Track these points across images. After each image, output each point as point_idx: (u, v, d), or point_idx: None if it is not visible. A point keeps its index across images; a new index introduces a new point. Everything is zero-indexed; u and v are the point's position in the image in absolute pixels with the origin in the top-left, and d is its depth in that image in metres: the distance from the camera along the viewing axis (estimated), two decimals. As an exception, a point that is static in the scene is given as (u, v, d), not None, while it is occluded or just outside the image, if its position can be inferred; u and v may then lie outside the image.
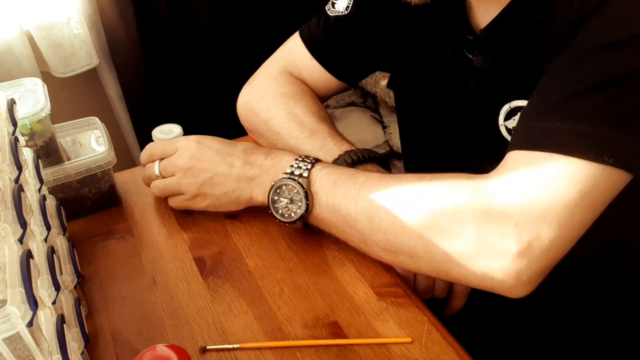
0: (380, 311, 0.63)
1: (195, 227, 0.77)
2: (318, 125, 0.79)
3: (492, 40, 0.68)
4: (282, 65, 0.90)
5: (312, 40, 0.87)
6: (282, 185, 0.68)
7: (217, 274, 0.70)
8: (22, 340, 0.47)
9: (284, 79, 0.88)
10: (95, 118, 0.85)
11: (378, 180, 0.64)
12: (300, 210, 0.67)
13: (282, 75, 0.89)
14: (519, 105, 0.68)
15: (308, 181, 0.67)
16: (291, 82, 0.87)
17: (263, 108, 0.86)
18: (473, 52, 0.71)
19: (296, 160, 0.69)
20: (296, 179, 0.67)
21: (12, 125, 0.63)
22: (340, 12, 0.84)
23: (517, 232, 0.53)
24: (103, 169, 0.77)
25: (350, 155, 0.73)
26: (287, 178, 0.67)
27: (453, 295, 0.71)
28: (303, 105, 0.83)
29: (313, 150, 0.77)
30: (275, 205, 0.69)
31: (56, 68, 1.50)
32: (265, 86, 0.89)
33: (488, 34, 0.68)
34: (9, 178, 0.56)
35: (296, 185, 0.66)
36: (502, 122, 0.70)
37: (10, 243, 0.50)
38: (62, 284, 0.60)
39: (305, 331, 0.62)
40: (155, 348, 0.52)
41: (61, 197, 0.77)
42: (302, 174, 0.67)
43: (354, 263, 0.69)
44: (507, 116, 0.69)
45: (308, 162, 0.68)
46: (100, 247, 0.75)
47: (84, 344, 0.59)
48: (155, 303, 0.67)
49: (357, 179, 0.65)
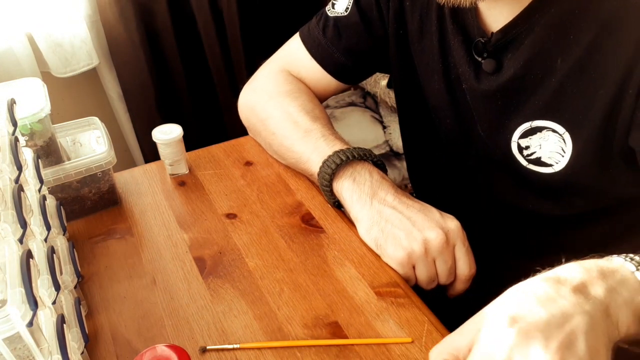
0: (380, 311, 0.63)
1: (195, 227, 0.77)
2: (312, 124, 0.80)
3: (504, 45, 0.67)
4: (281, 65, 0.90)
5: (311, 41, 0.87)
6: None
7: (217, 274, 0.70)
8: (22, 340, 0.47)
9: (282, 78, 0.88)
10: (95, 118, 0.85)
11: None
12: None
13: (280, 75, 0.89)
14: (540, 125, 0.67)
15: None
16: (289, 81, 0.87)
17: (260, 108, 0.86)
18: (482, 56, 0.70)
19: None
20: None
21: (12, 125, 0.63)
22: (340, 13, 0.84)
23: None
24: (103, 169, 0.77)
25: (339, 155, 0.73)
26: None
27: (457, 277, 0.69)
28: (298, 104, 0.83)
29: (306, 152, 0.78)
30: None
31: (56, 68, 1.50)
32: (264, 85, 0.89)
33: (499, 38, 0.67)
34: (9, 178, 0.56)
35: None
36: (515, 139, 0.70)
37: (11, 243, 0.50)
38: (62, 284, 0.60)
39: (305, 331, 0.62)
40: (155, 348, 0.52)
41: (61, 197, 0.77)
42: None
43: (354, 263, 0.69)
44: (524, 134, 0.69)
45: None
46: (100, 247, 0.75)
47: (84, 344, 0.59)
48: (155, 303, 0.67)
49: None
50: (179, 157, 0.85)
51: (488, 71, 0.70)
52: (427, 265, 0.67)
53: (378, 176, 0.73)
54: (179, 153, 0.85)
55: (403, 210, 0.69)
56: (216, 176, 0.86)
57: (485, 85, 0.71)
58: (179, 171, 0.87)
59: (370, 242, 0.70)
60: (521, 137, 0.69)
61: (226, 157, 0.90)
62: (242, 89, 0.93)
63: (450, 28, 0.73)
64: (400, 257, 0.67)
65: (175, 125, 0.84)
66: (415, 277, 0.68)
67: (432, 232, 0.66)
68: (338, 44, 0.85)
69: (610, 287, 0.48)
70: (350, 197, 0.72)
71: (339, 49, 0.85)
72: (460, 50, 0.72)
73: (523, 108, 0.68)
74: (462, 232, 0.68)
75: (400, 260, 0.67)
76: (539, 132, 0.68)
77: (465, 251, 0.68)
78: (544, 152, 0.68)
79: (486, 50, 0.69)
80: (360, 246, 0.71)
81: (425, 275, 0.68)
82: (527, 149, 0.70)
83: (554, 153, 0.68)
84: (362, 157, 0.74)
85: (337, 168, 0.73)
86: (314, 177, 0.77)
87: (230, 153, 0.91)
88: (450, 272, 0.68)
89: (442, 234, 0.66)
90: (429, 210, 0.69)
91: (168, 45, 1.60)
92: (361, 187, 0.72)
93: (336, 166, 0.73)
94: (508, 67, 0.68)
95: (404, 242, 0.67)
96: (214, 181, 0.85)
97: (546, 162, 0.69)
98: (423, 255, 0.66)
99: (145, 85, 1.61)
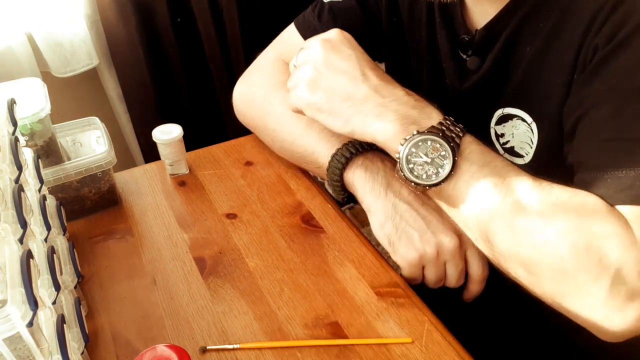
0: (381, 311, 0.63)
1: (195, 227, 0.77)
2: None
3: (487, 42, 0.67)
4: (276, 55, 0.88)
5: (306, 27, 0.85)
6: (429, 140, 0.58)
7: (217, 274, 0.70)
8: (22, 341, 0.47)
9: (275, 68, 0.86)
10: (95, 118, 0.85)
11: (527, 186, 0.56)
12: (438, 178, 0.58)
13: (274, 65, 0.87)
14: (511, 113, 0.67)
15: (459, 150, 0.58)
16: (282, 71, 0.85)
17: (257, 103, 0.85)
18: (467, 53, 0.70)
19: (446, 119, 0.60)
20: (449, 142, 0.57)
21: (12, 125, 0.63)
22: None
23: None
24: (103, 169, 0.77)
25: (348, 148, 0.71)
26: (438, 135, 0.57)
27: (470, 280, 0.68)
28: None
29: (311, 144, 0.76)
30: (410, 158, 0.58)
31: (56, 68, 1.50)
32: (258, 78, 0.87)
33: (483, 35, 0.67)
34: (9, 178, 0.56)
35: (447, 149, 0.57)
36: (493, 125, 0.70)
37: (11, 243, 0.50)
38: (62, 284, 0.60)
39: (305, 331, 0.62)
40: (155, 348, 0.52)
41: (61, 197, 0.77)
42: (454, 137, 0.58)
43: (354, 263, 0.69)
44: (499, 121, 0.69)
45: (459, 129, 0.59)
46: (100, 247, 0.75)
47: (84, 344, 0.59)
48: (155, 303, 0.67)
49: (507, 175, 0.57)
50: (179, 157, 0.85)
51: (472, 68, 0.70)
52: (437, 268, 0.66)
53: (391, 165, 0.70)
54: (179, 153, 0.85)
55: (418, 208, 0.67)
56: (216, 176, 0.86)
57: (467, 82, 0.71)
58: (179, 171, 0.87)
59: (382, 238, 0.68)
60: (497, 124, 0.69)
61: (226, 157, 0.90)
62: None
63: (437, 20, 0.73)
64: (411, 258, 0.65)
65: (175, 125, 0.84)
66: (423, 277, 0.68)
67: (446, 237, 0.65)
68: (334, 27, 0.84)
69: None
70: (364, 187, 0.70)
71: None
72: (446, 45, 0.72)
73: (498, 96, 0.68)
74: None
75: (411, 261, 0.66)
76: (510, 119, 0.67)
77: (478, 255, 0.66)
78: (516, 141, 0.68)
79: (471, 48, 0.69)
80: (360, 246, 0.71)
81: (433, 277, 0.67)
82: (502, 136, 0.69)
83: (524, 144, 0.67)
84: (372, 147, 0.71)
85: (347, 162, 0.71)
86: (322, 170, 0.75)
87: (230, 153, 0.91)
88: (460, 275, 0.67)
89: (455, 239, 0.65)
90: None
91: (168, 45, 1.60)
92: (374, 177, 0.69)
93: (346, 160, 0.71)
94: (488, 62, 0.68)
95: (417, 243, 0.65)
96: (214, 181, 0.85)
97: (518, 152, 0.68)
98: (434, 259, 0.65)
99: (145, 85, 1.61)
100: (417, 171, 0.58)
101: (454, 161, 0.57)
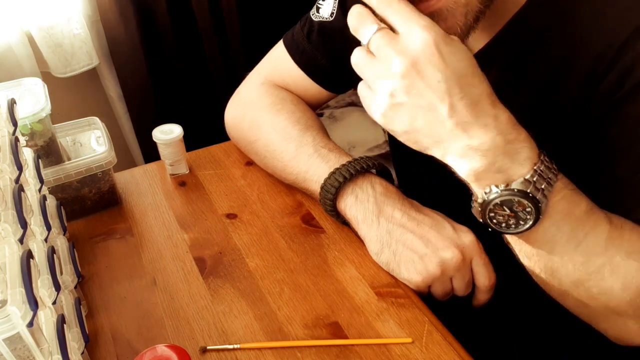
0: (381, 311, 0.63)
1: (195, 227, 0.77)
2: (302, 137, 0.76)
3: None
4: (265, 76, 0.87)
5: (296, 47, 0.84)
6: (516, 197, 0.52)
7: (218, 274, 0.70)
8: (22, 341, 0.47)
9: (264, 90, 0.85)
10: (95, 118, 0.85)
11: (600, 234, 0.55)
12: (517, 230, 0.55)
13: (263, 87, 0.85)
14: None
15: (547, 204, 0.53)
16: (270, 92, 0.84)
17: (246, 128, 0.84)
18: None
19: (541, 162, 0.52)
20: (537, 203, 0.52)
21: (12, 125, 0.63)
22: (325, 18, 0.80)
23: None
24: (103, 169, 0.77)
25: (335, 177, 0.69)
26: (526, 195, 0.52)
27: (478, 290, 0.66)
28: (284, 116, 0.80)
29: (301, 171, 0.75)
30: (492, 208, 0.54)
31: (56, 68, 1.50)
32: (248, 99, 0.86)
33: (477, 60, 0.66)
34: (9, 178, 0.56)
35: (532, 208, 0.53)
36: None
37: (11, 243, 0.50)
38: (62, 284, 0.60)
39: (305, 331, 0.62)
40: (155, 348, 0.52)
41: (61, 197, 0.77)
42: (543, 190, 0.52)
43: (354, 263, 0.69)
44: None
45: (554, 173, 0.53)
46: (100, 247, 0.75)
47: (84, 344, 0.59)
48: (155, 303, 0.67)
49: (586, 223, 0.55)
50: (179, 157, 0.85)
51: None
52: (443, 284, 0.65)
53: (381, 188, 0.69)
54: (179, 153, 0.85)
55: (414, 229, 0.65)
56: (216, 176, 0.86)
57: None
58: (179, 171, 0.87)
59: (382, 265, 0.68)
60: None
61: (226, 157, 0.90)
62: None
63: None
64: (415, 281, 0.64)
65: (176, 125, 0.84)
66: (429, 291, 0.66)
67: (448, 253, 0.63)
68: (323, 50, 0.81)
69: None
70: (355, 217, 0.69)
71: (324, 56, 0.82)
72: None
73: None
74: (478, 245, 0.64)
75: (416, 284, 0.64)
76: None
77: (483, 264, 0.64)
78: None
79: None
80: (360, 246, 0.71)
81: (441, 292, 0.66)
82: None
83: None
84: (362, 170, 0.70)
85: (336, 192, 0.70)
86: (316, 197, 0.74)
87: (230, 153, 0.91)
88: (467, 286, 0.66)
89: (457, 254, 0.62)
90: (442, 226, 0.65)
91: (168, 45, 1.60)
92: (365, 205, 0.68)
93: (335, 190, 0.69)
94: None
95: (418, 265, 0.64)
96: (214, 181, 0.85)
97: None
98: (440, 277, 0.64)
99: (145, 85, 1.61)
100: (496, 219, 0.55)
101: (537, 218, 0.53)
